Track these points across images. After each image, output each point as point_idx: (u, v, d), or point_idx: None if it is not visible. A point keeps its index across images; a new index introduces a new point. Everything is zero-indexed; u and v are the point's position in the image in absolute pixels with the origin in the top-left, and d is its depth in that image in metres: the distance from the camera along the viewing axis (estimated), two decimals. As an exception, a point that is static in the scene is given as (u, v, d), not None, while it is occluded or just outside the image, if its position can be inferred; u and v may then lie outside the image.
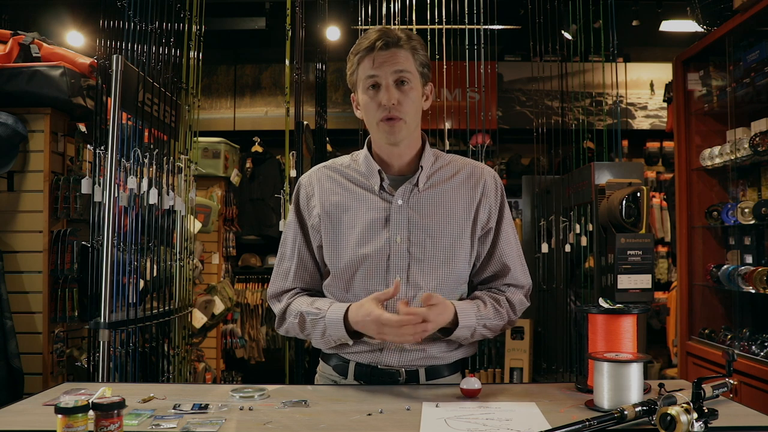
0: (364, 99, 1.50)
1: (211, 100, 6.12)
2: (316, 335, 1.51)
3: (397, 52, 1.46)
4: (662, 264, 5.58)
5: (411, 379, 1.53)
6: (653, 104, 6.01)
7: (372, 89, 1.48)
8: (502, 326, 1.55)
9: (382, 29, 1.48)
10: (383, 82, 1.46)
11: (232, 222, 5.37)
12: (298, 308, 1.54)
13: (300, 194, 1.62)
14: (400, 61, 1.46)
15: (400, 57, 1.46)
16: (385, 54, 1.45)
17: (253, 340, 5.50)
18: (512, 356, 4.50)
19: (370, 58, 1.46)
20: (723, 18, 3.09)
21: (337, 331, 1.46)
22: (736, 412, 1.27)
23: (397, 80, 1.46)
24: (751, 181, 3.23)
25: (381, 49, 1.44)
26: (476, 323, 1.48)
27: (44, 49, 2.88)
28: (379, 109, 1.47)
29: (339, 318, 1.45)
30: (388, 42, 1.45)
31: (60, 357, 2.77)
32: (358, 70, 1.50)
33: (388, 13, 3.78)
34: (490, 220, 1.57)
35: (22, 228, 2.72)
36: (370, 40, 1.46)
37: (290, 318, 1.55)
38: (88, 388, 1.46)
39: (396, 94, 1.46)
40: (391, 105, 1.45)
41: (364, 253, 1.51)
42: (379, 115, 1.47)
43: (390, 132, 1.48)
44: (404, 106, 1.47)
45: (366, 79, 1.47)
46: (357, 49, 1.49)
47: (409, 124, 1.49)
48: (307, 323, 1.51)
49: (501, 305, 1.54)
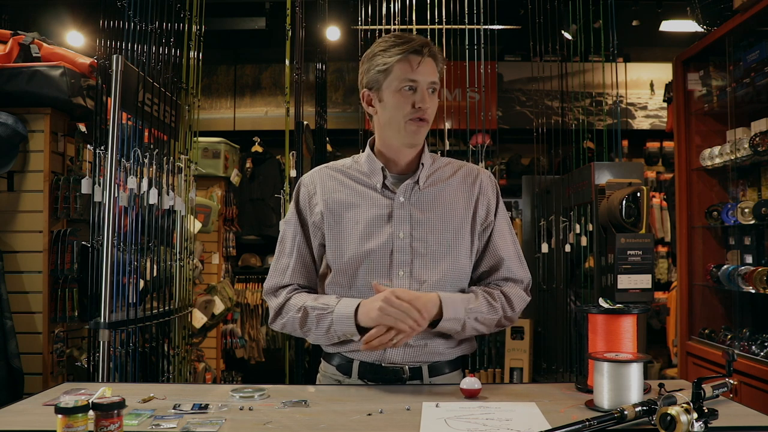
0: (396, 98, 1.53)
1: (211, 100, 6.12)
2: (320, 331, 1.51)
3: (433, 63, 1.55)
4: (662, 264, 5.58)
5: (414, 375, 1.53)
6: (653, 104, 6.01)
7: (408, 90, 1.53)
8: (497, 320, 1.54)
9: (421, 37, 1.56)
10: (420, 87, 1.52)
11: (232, 222, 5.37)
12: (301, 303, 1.54)
13: (301, 192, 1.65)
14: (435, 71, 1.55)
15: (435, 67, 1.56)
16: (428, 62, 1.53)
17: (253, 340, 5.50)
18: (512, 356, 4.50)
19: (415, 61, 1.51)
20: (723, 18, 3.09)
21: (345, 327, 1.47)
22: (736, 412, 1.27)
23: (429, 88, 1.54)
24: (751, 181, 3.23)
25: (428, 56, 1.52)
26: (465, 316, 1.49)
27: (44, 49, 2.88)
28: (413, 110, 1.53)
29: (350, 313, 1.46)
30: (432, 51, 1.54)
31: (60, 357, 2.77)
32: (393, 68, 1.52)
33: (388, 13, 3.78)
34: (489, 215, 1.61)
35: (22, 228, 2.72)
36: (416, 44, 1.51)
37: (291, 313, 1.55)
38: (88, 388, 1.46)
39: (428, 99, 1.54)
40: (425, 108, 1.53)
41: (368, 249, 1.54)
42: (411, 115, 1.53)
43: (416, 132, 1.54)
44: (429, 112, 1.55)
45: (404, 80, 1.52)
46: (394, 49, 1.52)
47: (428, 128, 1.57)
48: (311, 318, 1.52)
49: (495, 299, 1.54)
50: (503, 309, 1.55)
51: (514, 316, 1.58)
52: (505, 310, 1.55)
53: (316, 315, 1.51)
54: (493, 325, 1.55)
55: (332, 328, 1.49)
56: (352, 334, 1.48)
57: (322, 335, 1.52)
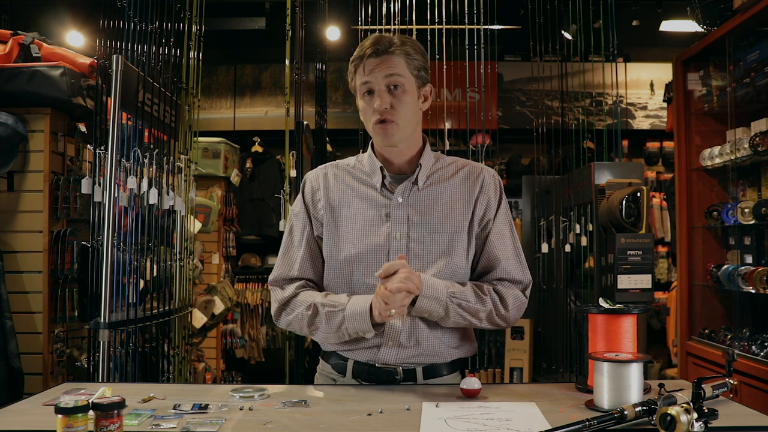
0: (361, 104, 1.56)
1: (211, 100, 6.12)
2: (330, 328, 1.49)
3: (388, 59, 1.51)
4: (662, 264, 5.58)
5: (408, 377, 1.53)
6: (653, 104, 6.01)
7: (367, 95, 1.53)
8: (487, 314, 1.51)
9: (375, 37, 1.53)
10: (376, 88, 1.51)
11: (232, 222, 5.37)
12: (311, 300, 1.53)
13: (306, 187, 1.66)
14: (392, 66, 1.51)
15: (392, 62, 1.51)
16: (376, 61, 1.50)
17: (253, 340, 5.50)
18: (512, 356, 4.50)
19: (367, 63, 1.51)
20: (723, 18, 3.09)
21: (358, 324, 1.45)
22: (736, 412, 1.27)
23: (389, 85, 1.51)
24: (751, 181, 3.23)
25: (371, 56, 1.50)
26: (446, 298, 1.46)
27: (44, 49, 2.88)
28: (374, 114, 1.52)
29: (363, 310, 1.44)
30: (378, 49, 1.50)
31: (60, 357, 2.77)
32: (355, 78, 1.56)
33: (388, 13, 3.78)
34: (487, 213, 1.59)
35: (22, 228, 2.72)
36: (363, 48, 1.52)
37: (299, 309, 1.54)
38: (88, 388, 1.46)
39: (388, 98, 1.51)
40: (383, 109, 1.50)
41: (364, 249, 1.54)
42: (373, 119, 1.52)
43: (383, 135, 1.53)
44: (397, 109, 1.51)
45: (361, 85, 1.53)
46: (353, 58, 1.55)
47: (402, 127, 1.53)
48: (321, 315, 1.51)
49: (484, 292, 1.52)
50: (494, 304, 1.52)
51: (509, 316, 1.55)
52: (497, 307, 1.52)
53: (326, 312, 1.50)
54: (484, 318, 1.52)
55: (344, 326, 1.47)
56: (366, 331, 1.47)
57: (332, 333, 1.51)
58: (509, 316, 1.55)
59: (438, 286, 1.47)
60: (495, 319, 1.54)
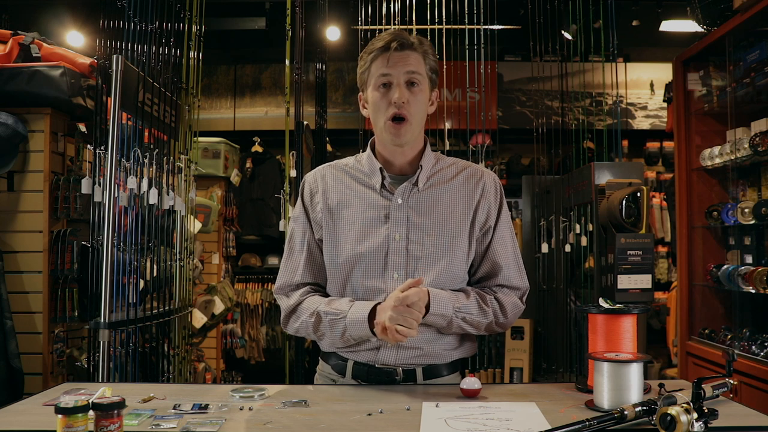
0: (374, 96, 1.53)
1: (211, 100, 6.12)
2: (334, 335, 1.50)
3: (410, 54, 1.51)
4: (662, 264, 5.58)
5: (408, 378, 1.53)
6: (653, 104, 6.01)
7: (383, 87, 1.52)
8: (486, 324, 1.54)
9: (395, 32, 1.53)
10: (395, 81, 1.50)
11: (232, 222, 5.37)
12: (315, 308, 1.53)
13: (305, 189, 1.65)
14: (413, 63, 1.51)
15: (413, 59, 1.51)
16: (399, 55, 1.50)
17: (253, 340, 5.50)
18: (512, 356, 4.50)
19: (385, 58, 1.50)
20: (723, 18, 3.09)
21: (360, 331, 1.46)
22: (736, 412, 1.27)
23: (408, 81, 1.51)
24: (751, 181, 3.23)
25: (396, 50, 1.50)
26: (452, 314, 1.48)
27: (44, 49, 2.88)
28: (389, 107, 1.51)
29: (363, 318, 1.45)
30: (403, 43, 1.50)
31: (60, 357, 2.77)
32: (370, 68, 1.54)
33: (388, 13, 3.78)
34: (488, 220, 1.59)
35: (22, 228, 2.72)
36: (385, 41, 1.51)
37: (304, 317, 1.55)
38: (88, 388, 1.46)
39: (406, 93, 1.50)
40: (401, 103, 1.49)
41: (363, 250, 1.53)
42: (388, 113, 1.51)
43: (396, 134, 1.52)
44: (412, 106, 1.51)
45: (379, 77, 1.52)
46: (371, 49, 1.54)
47: (414, 126, 1.53)
48: (324, 323, 1.51)
49: (487, 304, 1.53)
50: (494, 315, 1.54)
51: (506, 323, 1.58)
52: (497, 316, 1.55)
53: (329, 320, 1.50)
54: (482, 328, 1.55)
55: (347, 333, 1.48)
56: (368, 336, 1.48)
57: (337, 339, 1.52)
58: (506, 323, 1.58)
59: (445, 302, 1.48)
60: (493, 327, 1.57)
